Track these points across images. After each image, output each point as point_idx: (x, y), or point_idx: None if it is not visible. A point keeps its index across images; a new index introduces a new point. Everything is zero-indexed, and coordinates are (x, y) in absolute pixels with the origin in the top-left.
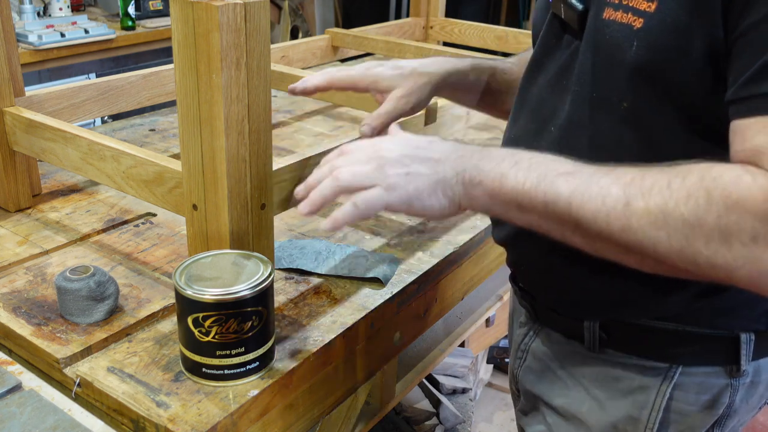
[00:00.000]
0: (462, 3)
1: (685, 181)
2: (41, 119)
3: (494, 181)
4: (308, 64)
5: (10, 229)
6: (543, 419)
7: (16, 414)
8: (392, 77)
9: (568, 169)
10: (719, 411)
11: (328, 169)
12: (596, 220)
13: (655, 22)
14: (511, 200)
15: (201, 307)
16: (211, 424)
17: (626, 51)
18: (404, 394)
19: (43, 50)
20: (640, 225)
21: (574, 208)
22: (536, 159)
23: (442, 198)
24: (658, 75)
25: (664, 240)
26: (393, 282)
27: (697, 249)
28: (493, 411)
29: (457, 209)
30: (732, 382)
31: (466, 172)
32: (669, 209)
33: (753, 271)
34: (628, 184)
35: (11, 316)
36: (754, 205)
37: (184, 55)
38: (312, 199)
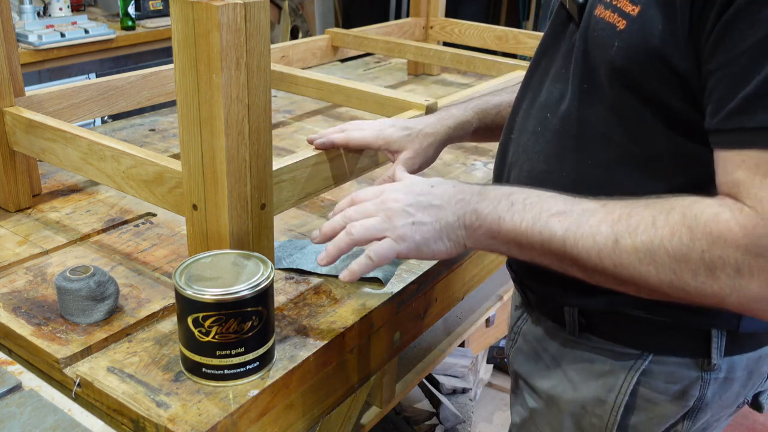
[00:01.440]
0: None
1: (669, 218)
2: (41, 119)
3: (493, 224)
4: (308, 64)
5: (10, 229)
6: (523, 399)
7: (16, 414)
8: (401, 139)
9: (560, 208)
10: (689, 403)
11: (340, 219)
12: (590, 257)
13: (636, 26)
14: (510, 240)
15: (201, 307)
16: (211, 424)
17: (609, 50)
18: (404, 394)
19: (43, 50)
20: (630, 261)
21: (569, 247)
22: (530, 200)
23: (447, 242)
24: (635, 77)
25: (654, 274)
26: (393, 282)
27: (686, 281)
28: (493, 411)
29: (463, 249)
30: (703, 375)
31: (466, 216)
32: (655, 247)
33: (741, 299)
34: (615, 222)
35: (11, 316)
36: (735, 239)
37: (184, 55)
38: (329, 253)
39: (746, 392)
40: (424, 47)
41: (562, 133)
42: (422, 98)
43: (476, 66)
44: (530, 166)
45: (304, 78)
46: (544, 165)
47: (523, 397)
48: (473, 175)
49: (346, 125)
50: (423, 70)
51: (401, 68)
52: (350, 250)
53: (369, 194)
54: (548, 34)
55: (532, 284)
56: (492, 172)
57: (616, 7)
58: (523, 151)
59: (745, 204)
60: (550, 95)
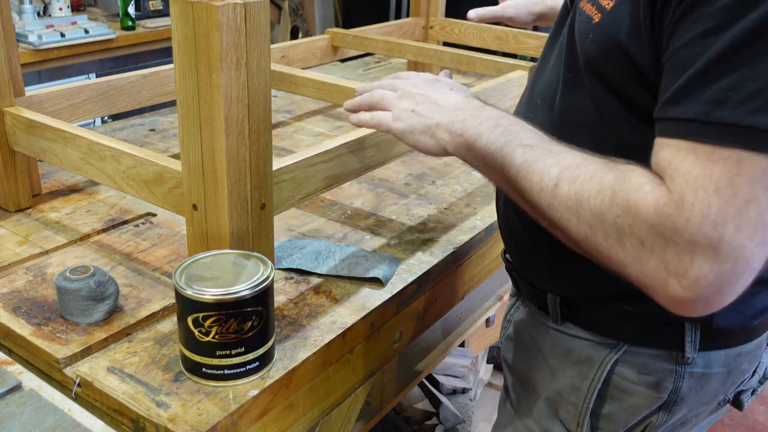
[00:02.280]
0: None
1: (604, 177)
2: (41, 119)
3: (470, 138)
4: (308, 64)
5: (10, 229)
6: (507, 385)
7: (16, 414)
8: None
9: (532, 141)
10: (664, 395)
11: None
12: (532, 192)
13: (607, 20)
14: (480, 157)
15: (201, 307)
16: (211, 424)
17: (585, 41)
18: (404, 394)
19: (43, 50)
20: (559, 206)
21: (520, 178)
22: (514, 127)
23: (430, 139)
24: (604, 70)
25: (574, 225)
26: (393, 282)
27: (598, 240)
28: (493, 411)
29: (444, 152)
30: (677, 369)
31: (455, 123)
32: (582, 199)
33: (639, 273)
34: (565, 168)
35: (11, 316)
36: (646, 213)
37: (184, 55)
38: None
39: (726, 390)
40: (424, 47)
41: (550, 119)
42: None
43: (476, 66)
44: None
45: (304, 78)
46: None
47: (508, 386)
48: (473, 175)
49: None
50: (423, 70)
51: (401, 68)
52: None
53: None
54: (554, 25)
55: (521, 271)
56: None
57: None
58: None
59: (665, 183)
60: (544, 83)
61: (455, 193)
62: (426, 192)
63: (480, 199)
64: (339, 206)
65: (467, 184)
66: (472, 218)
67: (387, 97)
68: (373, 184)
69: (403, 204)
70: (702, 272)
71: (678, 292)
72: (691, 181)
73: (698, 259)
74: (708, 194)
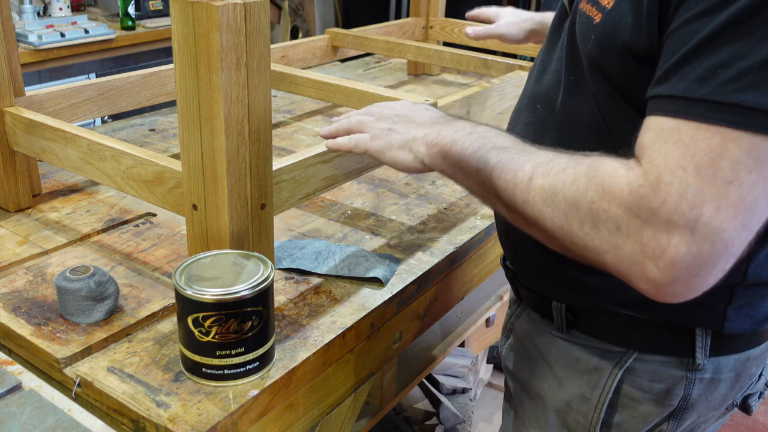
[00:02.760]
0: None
1: (577, 167)
2: (41, 119)
3: (446, 145)
4: (308, 64)
5: (10, 229)
6: (511, 395)
7: (16, 414)
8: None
9: (506, 144)
10: (674, 403)
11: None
12: (506, 190)
13: (608, 19)
14: (455, 163)
15: (201, 307)
16: (211, 424)
17: (587, 42)
18: (404, 394)
19: (43, 50)
20: (534, 200)
21: (494, 177)
22: (488, 133)
23: (408, 153)
24: (609, 70)
25: (549, 217)
26: (393, 282)
27: (573, 230)
28: (493, 411)
29: (421, 166)
30: (688, 375)
31: (431, 135)
32: (557, 189)
33: (616, 259)
34: (539, 164)
35: (11, 316)
36: (621, 196)
37: (184, 55)
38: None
39: (734, 394)
40: (424, 47)
41: (550, 124)
42: (422, 98)
43: (476, 66)
44: None
45: (304, 78)
46: None
47: (511, 393)
48: None
49: None
50: (423, 70)
51: (401, 68)
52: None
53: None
54: (551, 28)
55: (523, 279)
56: None
57: (595, 0)
58: None
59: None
60: (544, 87)
61: (455, 193)
62: (426, 192)
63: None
64: (339, 206)
65: None
66: (472, 218)
67: (364, 121)
68: (373, 184)
69: (403, 204)
70: (679, 253)
71: (655, 274)
72: (671, 161)
73: (675, 240)
74: (687, 174)
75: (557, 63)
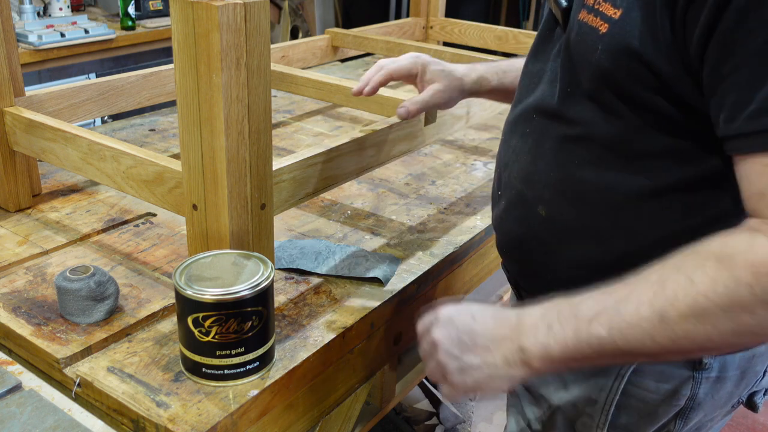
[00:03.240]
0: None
1: (706, 271)
2: (41, 119)
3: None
4: (308, 64)
5: (10, 229)
6: (518, 400)
7: (16, 414)
8: (436, 72)
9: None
10: (681, 402)
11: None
12: (645, 344)
13: (617, 29)
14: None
15: (201, 307)
16: (211, 424)
17: (593, 53)
18: (404, 394)
19: (43, 50)
20: (684, 330)
21: (620, 344)
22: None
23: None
24: (618, 80)
25: (713, 331)
26: (393, 282)
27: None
28: (493, 411)
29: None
30: (694, 375)
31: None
32: (701, 305)
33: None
34: (652, 299)
35: (11, 316)
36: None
37: (184, 55)
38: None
39: (740, 392)
40: (424, 47)
41: (549, 134)
42: None
43: None
44: (519, 167)
45: (304, 78)
46: (532, 166)
47: (518, 398)
48: (473, 175)
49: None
50: None
51: None
52: None
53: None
54: (538, 37)
55: (525, 284)
56: (491, 173)
57: (598, 11)
58: (513, 152)
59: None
60: (537, 98)
61: (455, 193)
62: (426, 192)
63: (480, 199)
64: (339, 206)
65: (467, 184)
66: (472, 218)
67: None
68: (373, 184)
69: (403, 204)
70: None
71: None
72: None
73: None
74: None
75: (551, 73)
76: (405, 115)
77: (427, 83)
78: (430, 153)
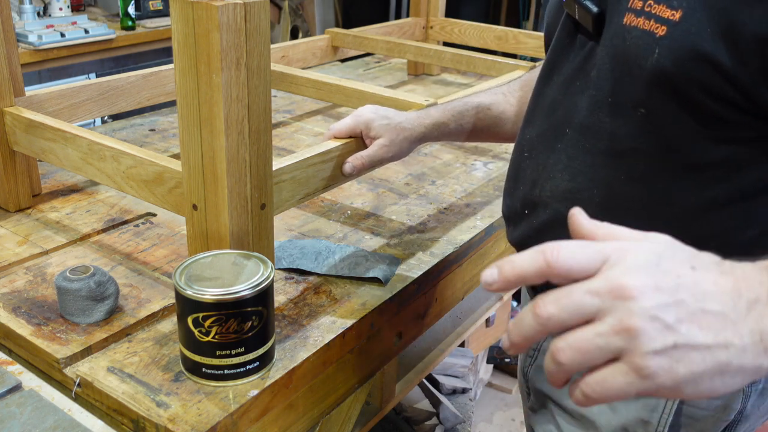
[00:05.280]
0: (462, 3)
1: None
2: (41, 119)
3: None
4: (308, 64)
5: (10, 229)
6: (552, 418)
7: (16, 414)
8: (380, 127)
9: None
10: (730, 417)
11: (533, 322)
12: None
13: (679, 31)
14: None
15: (201, 307)
16: (211, 424)
17: (647, 58)
18: (404, 394)
19: (43, 50)
20: None
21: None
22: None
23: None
24: (680, 84)
25: None
26: (393, 282)
27: None
28: (493, 411)
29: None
30: (745, 389)
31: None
32: None
33: None
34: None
35: (11, 316)
36: None
37: (184, 55)
38: (512, 334)
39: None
40: (424, 47)
41: (588, 148)
42: (422, 98)
43: (476, 66)
44: (553, 184)
45: (304, 78)
46: (571, 183)
47: (552, 416)
48: (473, 175)
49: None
50: (423, 70)
51: (401, 68)
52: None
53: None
54: (556, 46)
55: None
56: (491, 172)
57: (651, 14)
58: (543, 169)
59: None
60: (567, 110)
61: (455, 193)
62: (426, 192)
63: (480, 199)
64: (339, 206)
65: (467, 184)
66: (472, 218)
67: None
68: (373, 184)
69: (403, 204)
70: None
71: None
72: None
73: None
74: None
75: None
76: (351, 171)
77: (373, 139)
78: (430, 153)
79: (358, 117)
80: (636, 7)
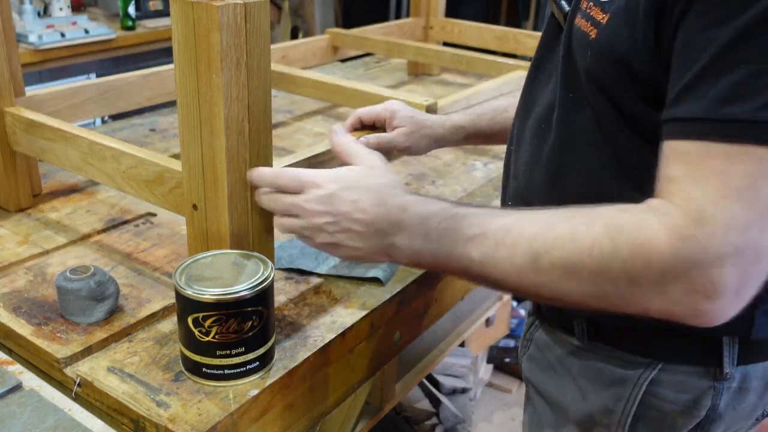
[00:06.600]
0: (462, 3)
1: (590, 230)
2: (41, 119)
3: (411, 256)
4: (308, 64)
5: (10, 229)
6: (533, 407)
7: (16, 414)
8: (404, 118)
9: (475, 231)
10: (701, 413)
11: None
12: (509, 279)
13: (604, 34)
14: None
15: (201, 307)
16: (211, 424)
17: (583, 59)
18: (404, 394)
19: (44, 50)
20: (549, 279)
21: (488, 270)
22: (444, 224)
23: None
24: (607, 86)
25: (576, 289)
26: (393, 282)
27: (608, 292)
28: (493, 411)
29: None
30: (715, 385)
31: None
32: (574, 262)
33: (663, 304)
34: (533, 239)
35: (11, 316)
36: (660, 246)
37: (184, 55)
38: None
39: (765, 404)
40: (424, 47)
41: (556, 143)
42: (422, 98)
43: (476, 66)
44: (528, 177)
45: (304, 78)
46: (543, 177)
47: (534, 404)
48: (473, 175)
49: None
50: (423, 70)
51: (401, 68)
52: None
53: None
54: (542, 43)
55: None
56: (491, 172)
57: (590, 15)
58: (522, 163)
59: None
60: (544, 105)
61: (455, 193)
62: (426, 192)
63: (480, 199)
64: None
65: (467, 184)
66: None
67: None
68: None
69: None
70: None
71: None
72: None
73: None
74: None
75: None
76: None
77: (396, 127)
78: (430, 153)
79: (387, 104)
80: (583, 8)
